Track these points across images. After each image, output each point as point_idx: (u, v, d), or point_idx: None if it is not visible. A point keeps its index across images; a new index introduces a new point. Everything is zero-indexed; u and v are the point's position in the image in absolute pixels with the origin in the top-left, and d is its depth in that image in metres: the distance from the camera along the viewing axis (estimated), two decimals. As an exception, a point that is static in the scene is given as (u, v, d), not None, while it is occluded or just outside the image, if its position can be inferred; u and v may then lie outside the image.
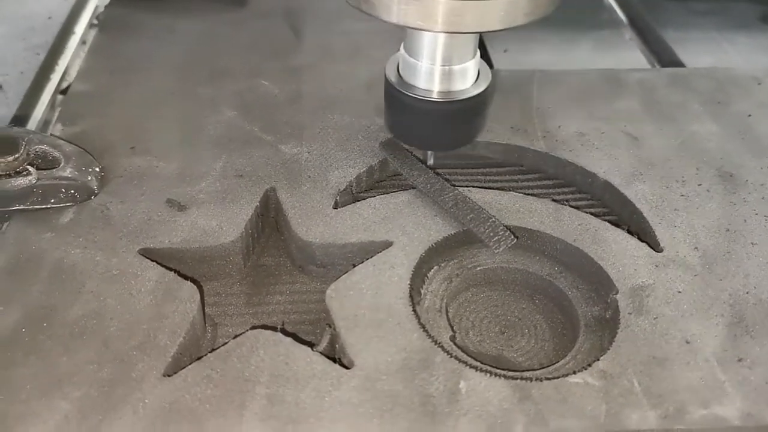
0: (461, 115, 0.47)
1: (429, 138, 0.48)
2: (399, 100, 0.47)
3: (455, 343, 0.42)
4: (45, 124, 0.59)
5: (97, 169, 0.48)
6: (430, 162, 0.51)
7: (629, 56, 0.73)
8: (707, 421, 0.36)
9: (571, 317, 0.44)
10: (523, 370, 0.40)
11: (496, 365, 0.40)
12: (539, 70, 0.61)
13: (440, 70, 0.45)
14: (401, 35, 0.66)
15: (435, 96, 0.46)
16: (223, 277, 0.46)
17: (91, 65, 0.61)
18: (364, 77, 0.60)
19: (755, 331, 0.41)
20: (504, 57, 0.71)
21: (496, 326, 0.44)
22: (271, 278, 0.47)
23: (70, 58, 0.68)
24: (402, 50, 0.47)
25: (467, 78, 0.46)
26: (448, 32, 0.42)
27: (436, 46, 0.44)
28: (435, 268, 0.46)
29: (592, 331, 0.43)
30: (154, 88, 0.58)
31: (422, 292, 0.45)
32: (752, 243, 0.46)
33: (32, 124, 0.59)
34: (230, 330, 0.43)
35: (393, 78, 0.47)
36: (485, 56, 0.68)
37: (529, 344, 0.43)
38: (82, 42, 0.70)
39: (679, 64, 0.69)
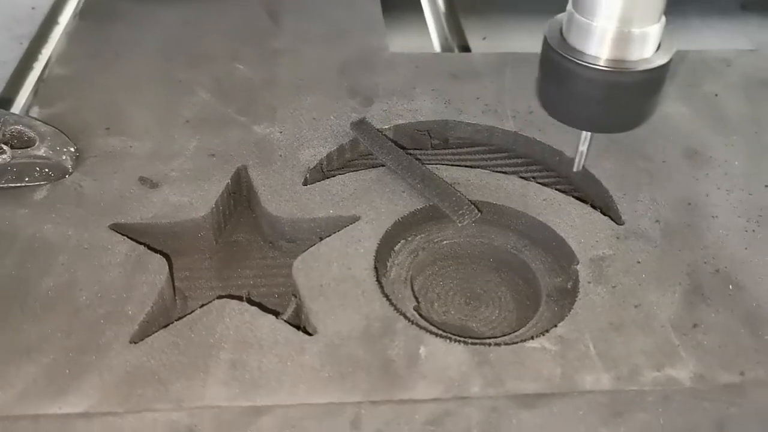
0: (632, 91, 0.39)
1: (588, 115, 0.41)
2: (557, 65, 0.39)
3: (419, 313, 0.43)
4: (27, 112, 0.60)
5: (72, 149, 0.49)
6: (579, 168, 0.45)
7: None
8: (660, 383, 0.37)
9: (535, 288, 0.45)
10: (484, 338, 0.41)
11: (459, 334, 0.41)
12: (512, 53, 0.62)
13: (614, 32, 0.37)
14: (376, 20, 0.66)
15: (602, 64, 0.38)
16: (195, 252, 0.47)
17: (71, 50, 0.62)
18: (339, 60, 0.61)
19: (711, 299, 0.42)
20: (483, 44, 0.71)
21: (462, 298, 0.45)
22: (242, 254, 0.48)
23: (54, 48, 0.68)
24: (570, 6, 0.39)
25: (647, 45, 0.38)
26: None
27: (613, 2, 0.37)
28: (402, 242, 0.47)
29: (553, 301, 0.44)
30: (131, 73, 0.59)
31: (388, 264, 0.46)
32: (713, 216, 0.47)
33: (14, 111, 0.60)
34: (200, 303, 0.44)
35: (554, 40, 0.39)
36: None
37: (493, 314, 0.44)
38: (66, 32, 0.71)
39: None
